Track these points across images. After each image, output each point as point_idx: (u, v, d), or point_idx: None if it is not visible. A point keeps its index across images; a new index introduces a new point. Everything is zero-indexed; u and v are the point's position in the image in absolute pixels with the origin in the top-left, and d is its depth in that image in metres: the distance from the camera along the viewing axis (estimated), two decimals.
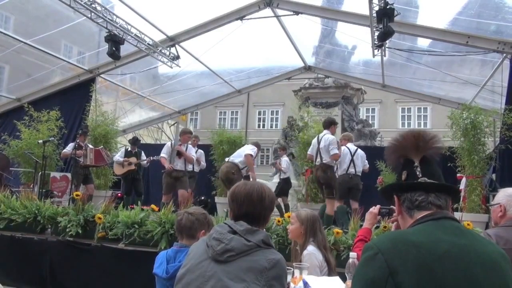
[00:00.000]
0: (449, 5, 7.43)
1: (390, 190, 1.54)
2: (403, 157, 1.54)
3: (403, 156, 1.54)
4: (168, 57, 9.27)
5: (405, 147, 1.53)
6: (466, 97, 9.94)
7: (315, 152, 6.59)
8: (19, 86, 10.10)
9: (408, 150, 1.51)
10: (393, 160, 1.58)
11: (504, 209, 2.42)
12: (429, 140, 1.51)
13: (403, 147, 1.54)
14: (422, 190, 1.40)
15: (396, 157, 1.56)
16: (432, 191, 1.39)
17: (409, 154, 1.51)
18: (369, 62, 10.63)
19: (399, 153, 1.55)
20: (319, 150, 6.42)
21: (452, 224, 1.33)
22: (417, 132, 1.55)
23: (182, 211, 2.44)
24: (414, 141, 1.51)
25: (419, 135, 1.52)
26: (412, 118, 28.14)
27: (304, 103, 13.65)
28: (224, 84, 12.42)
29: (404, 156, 1.53)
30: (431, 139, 1.51)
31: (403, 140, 1.55)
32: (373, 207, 2.56)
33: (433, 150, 1.51)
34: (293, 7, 8.28)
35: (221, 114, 32.22)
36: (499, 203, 2.47)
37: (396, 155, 1.57)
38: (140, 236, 4.42)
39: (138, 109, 13.00)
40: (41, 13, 8.48)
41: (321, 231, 2.87)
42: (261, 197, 1.77)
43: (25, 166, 8.38)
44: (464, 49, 7.61)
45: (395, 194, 1.50)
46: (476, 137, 6.72)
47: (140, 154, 8.56)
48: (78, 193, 5.06)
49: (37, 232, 4.91)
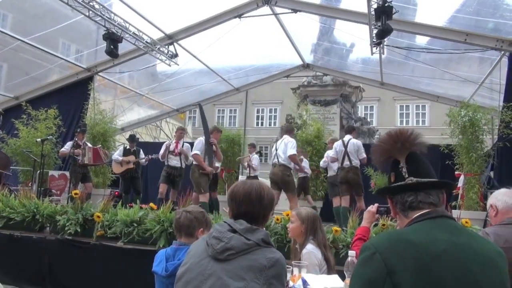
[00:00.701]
0: (447, 3, 7.43)
1: (381, 193, 1.56)
2: (389, 158, 1.55)
3: (389, 157, 1.55)
4: (167, 55, 9.26)
5: (388, 149, 1.53)
6: (464, 95, 9.96)
7: (341, 156, 7.03)
8: (17, 84, 10.08)
9: (391, 151, 1.52)
10: (381, 163, 1.60)
11: (496, 208, 2.52)
12: (409, 137, 1.51)
13: (386, 149, 1.54)
14: (410, 191, 1.40)
15: (383, 159, 1.57)
16: (420, 190, 1.39)
17: (394, 154, 1.51)
18: (368, 60, 10.62)
19: (385, 156, 1.56)
20: (346, 153, 6.94)
21: (449, 222, 1.33)
22: (395, 132, 1.55)
23: (181, 210, 2.45)
24: (393, 142, 1.51)
25: (398, 135, 1.52)
26: (411, 116, 28.18)
27: (302, 101, 13.64)
28: (223, 82, 12.41)
29: (390, 157, 1.54)
30: (410, 136, 1.51)
31: (384, 143, 1.56)
32: (371, 206, 2.57)
33: (416, 146, 1.50)
34: (291, 5, 8.27)
35: (219, 112, 32.19)
36: (490, 205, 2.61)
37: (382, 158, 1.57)
38: (139, 234, 4.41)
39: (136, 107, 12.98)
40: (39, 11, 8.44)
41: (321, 230, 2.86)
42: (260, 196, 1.77)
43: (23, 164, 8.37)
44: (462, 46, 7.62)
45: (387, 196, 1.51)
46: (474, 134, 6.74)
47: (139, 153, 8.55)
48: (76, 192, 5.05)
49: (36, 231, 4.90)
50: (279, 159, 6.64)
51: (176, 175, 7.66)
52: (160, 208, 4.60)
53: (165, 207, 4.54)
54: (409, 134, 1.51)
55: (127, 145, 8.78)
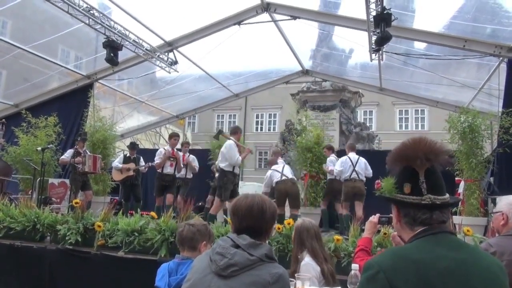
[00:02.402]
0: (445, 9, 7.47)
1: (392, 202, 1.50)
2: (406, 165, 1.45)
3: (407, 165, 1.45)
4: (166, 62, 9.29)
5: (410, 156, 1.43)
6: (463, 100, 9.98)
7: (348, 171, 7.54)
8: (17, 92, 10.09)
9: (412, 159, 1.42)
10: (396, 169, 1.50)
11: (506, 217, 2.37)
12: (437, 149, 1.42)
13: (408, 156, 1.44)
14: (425, 208, 1.37)
15: (400, 166, 1.48)
16: (435, 209, 1.37)
17: (414, 163, 1.42)
18: (366, 66, 10.65)
19: (404, 163, 1.46)
20: (354, 169, 7.50)
21: (450, 238, 1.34)
22: (419, 139, 1.45)
23: (184, 223, 2.45)
24: (417, 150, 1.42)
25: (422, 143, 1.43)
26: (410, 120, 28.22)
27: (302, 106, 13.65)
28: (222, 88, 12.43)
29: (408, 166, 1.44)
30: (439, 148, 1.42)
31: (408, 149, 1.46)
32: (373, 216, 2.55)
33: (438, 159, 1.42)
34: (290, 12, 8.31)
35: (219, 118, 32.21)
36: (501, 211, 2.42)
37: (399, 164, 1.48)
38: (140, 244, 4.41)
39: (136, 114, 12.99)
40: (39, 18, 8.47)
41: (313, 241, 2.84)
42: (262, 210, 1.77)
43: (23, 172, 8.36)
44: (461, 52, 7.65)
45: (394, 204, 1.48)
46: (474, 140, 6.74)
47: (139, 160, 8.54)
48: (77, 201, 5.05)
49: (37, 240, 4.90)
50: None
51: (169, 180, 7.65)
52: (161, 217, 4.60)
53: (166, 216, 4.53)
54: (439, 146, 1.43)
55: (127, 152, 8.78)
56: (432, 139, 1.46)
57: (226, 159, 6.15)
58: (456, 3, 7.17)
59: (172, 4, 7.98)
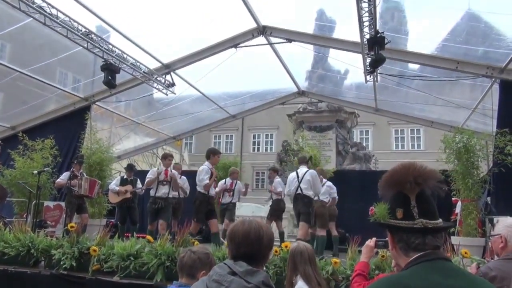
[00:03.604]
0: (437, 32, 7.64)
1: (386, 228, 1.51)
2: (398, 191, 1.47)
3: (398, 190, 1.47)
4: (164, 85, 9.36)
5: (400, 180, 1.46)
6: (458, 120, 10.08)
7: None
8: (14, 114, 10.10)
9: (403, 183, 1.45)
10: (388, 196, 1.52)
11: (505, 240, 2.37)
12: (426, 173, 1.44)
13: (398, 180, 1.47)
14: (418, 233, 1.38)
15: (391, 192, 1.50)
16: (428, 233, 1.38)
17: (404, 188, 1.45)
18: (362, 86, 10.76)
19: (395, 189, 1.48)
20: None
21: (446, 265, 1.34)
22: (408, 164, 1.48)
23: (186, 249, 2.42)
24: (406, 175, 1.44)
25: (412, 168, 1.45)
26: (406, 140, 28.40)
27: (298, 127, 13.74)
28: (219, 110, 12.52)
29: (400, 192, 1.46)
30: (428, 173, 1.44)
31: (398, 174, 1.48)
32: (369, 240, 2.54)
33: (428, 183, 1.44)
34: (285, 35, 8.45)
35: (215, 138, 32.27)
36: (499, 234, 2.42)
37: (390, 190, 1.50)
38: (136, 268, 4.35)
39: (133, 135, 13.01)
40: (37, 42, 8.53)
41: (305, 265, 2.78)
42: (259, 236, 1.76)
43: (18, 195, 8.30)
44: (454, 73, 7.77)
45: (388, 230, 1.49)
46: (470, 160, 6.79)
47: (136, 182, 8.51)
48: (72, 225, 5.00)
49: (31, 266, 4.83)
50: None
51: (163, 205, 7.24)
52: (158, 241, 4.56)
53: (163, 240, 4.50)
54: (423, 169, 1.45)
55: (124, 174, 8.75)
56: (422, 164, 1.48)
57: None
58: (447, 26, 7.34)
59: (169, 28, 8.12)
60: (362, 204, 7.71)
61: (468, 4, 6.63)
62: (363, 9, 6.06)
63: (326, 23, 8.81)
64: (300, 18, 8.28)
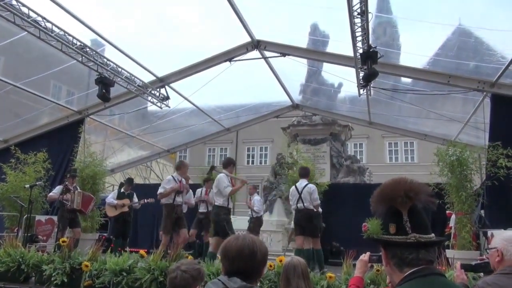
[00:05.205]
0: (428, 46, 7.75)
1: (380, 243, 1.51)
2: (390, 206, 1.48)
3: (390, 206, 1.48)
4: (158, 98, 9.37)
5: (391, 195, 1.47)
6: (451, 133, 10.17)
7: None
8: (7, 128, 10.02)
9: (394, 198, 1.45)
10: (381, 211, 1.52)
11: (501, 253, 2.33)
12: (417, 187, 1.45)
13: (389, 195, 1.48)
14: (412, 248, 1.38)
15: (383, 207, 1.51)
16: (421, 248, 1.38)
17: (395, 203, 1.45)
18: (355, 99, 10.84)
19: (387, 204, 1.49)
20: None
21: (440, 280, 1.34)
22: (403, 179, 1.49)
23: (175, 267, 2.35)
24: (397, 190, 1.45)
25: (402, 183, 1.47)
26: (399, 153, 28.54)
27: (292, 140, 13.77)
28: (213, 123, 12.53)
29: (391, 206, 1.47)
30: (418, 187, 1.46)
31: (389, 189, 1.49)
32: (363, 255, 2.52)
33: (419, 197, 1.45)
34: (279, 49, 8.53)
35: (210, 151, 32.22)
36: (495, 247, 2.38)
37: (382, 206, 1.51)
38: (128, 284, 4.29)
39: (127, 148, 12.95)
40: (32, 56, 8.52)
41: (298, 280, 2.76)
42: (253, 251, 1.75)
43: (9, 209, 8.18)
44: (446, 87, 7.87)
45: (382, 247, 1.48)
46: (463, 173, 6.82)
47: (133, 196, 8.46)
48: (64, 240, 4.93)
49: (21, 281, 4.75)
50: None
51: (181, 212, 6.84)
52: (151, 256, 4.50)
53: (156, 255, 4.44)
54: (413, 183, 1.46)
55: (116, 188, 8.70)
56: (412, 179, 1.50)
57: (217, 193, 6.21)
58: (438, 41, 7.46)
59: (164, 42, 8.17)
60: (356, 217, 7.65)
61: (458, 20, 6.76)
62: (356, 24, 6.14)
63: (319, 37, 8.92)
64: (294, 32, 8.37)
